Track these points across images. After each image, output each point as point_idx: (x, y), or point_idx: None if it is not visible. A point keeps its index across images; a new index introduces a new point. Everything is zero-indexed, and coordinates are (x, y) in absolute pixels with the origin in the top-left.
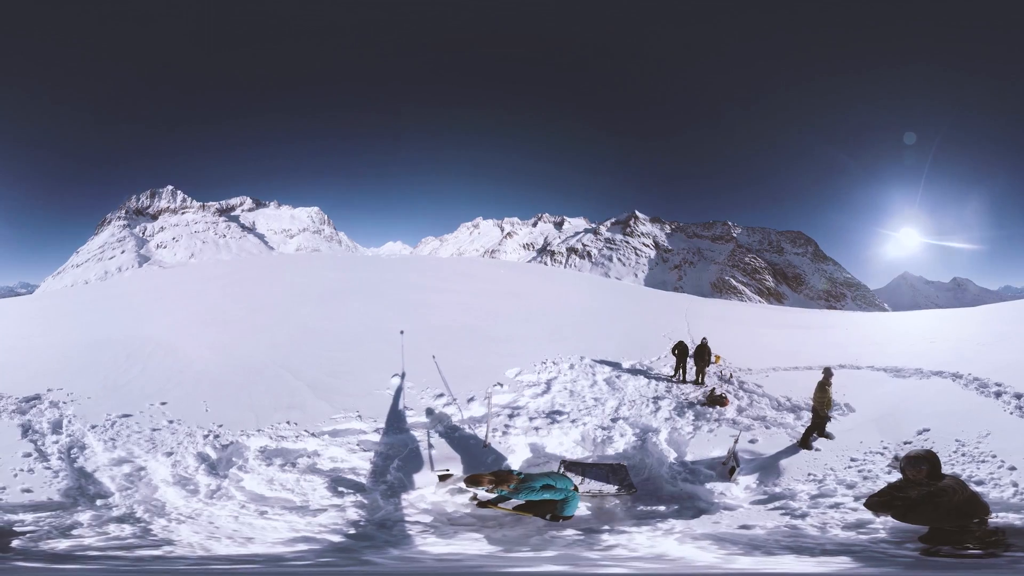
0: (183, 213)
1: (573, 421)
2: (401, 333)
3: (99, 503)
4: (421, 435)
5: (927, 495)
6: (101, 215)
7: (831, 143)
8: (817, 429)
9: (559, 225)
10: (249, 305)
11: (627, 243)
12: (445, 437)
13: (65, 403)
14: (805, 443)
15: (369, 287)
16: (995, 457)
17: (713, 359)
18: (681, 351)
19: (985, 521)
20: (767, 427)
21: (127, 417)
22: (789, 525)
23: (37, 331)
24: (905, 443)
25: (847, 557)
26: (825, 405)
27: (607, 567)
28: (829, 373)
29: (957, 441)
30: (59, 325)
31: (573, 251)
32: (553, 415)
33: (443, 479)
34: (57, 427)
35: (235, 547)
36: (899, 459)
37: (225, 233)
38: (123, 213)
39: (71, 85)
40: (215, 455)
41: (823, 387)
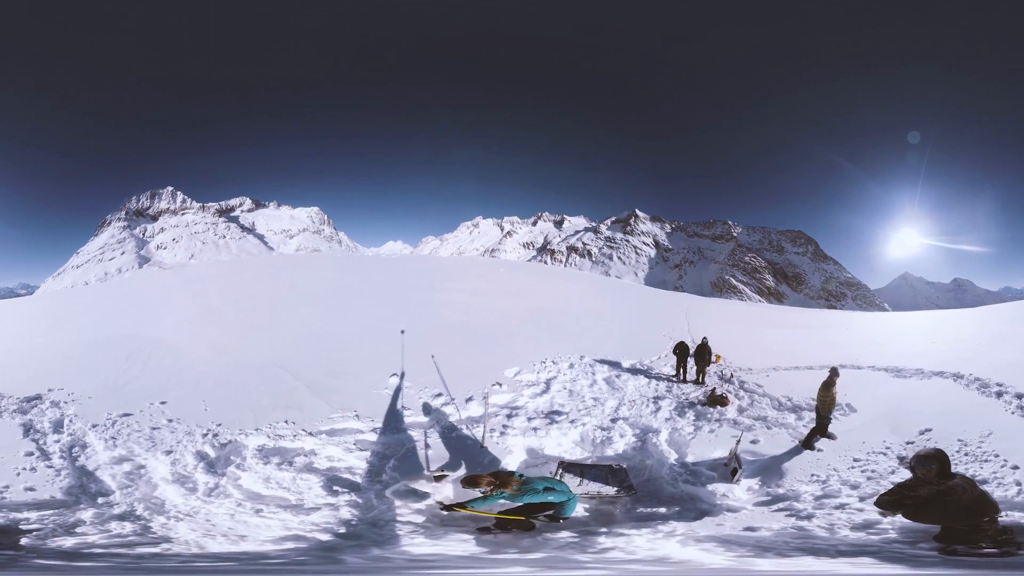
0: (183, 214)
1: (572, 421)
2: (402, 333)
3: (100, 501)
4: (418, 435)
5: (937, 494)
6: (101, 216)
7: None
8: (821, 430)
9: (559, 224)
10: (248, 305)
11: (627, 242)
12: (442, 437)
13: (66, 403)
14: (808, 444)
15: (369, 287)
16: (998, 456)
17: (714, 359)
18: (682, 351)
19: (995, 520)
20: (768, 427)
21: (127, 416)
22: (796, 526)
23: (37, 332)
24: (908, 443)
25: (870, 558)
26: (828, 405)
27: (591, 569)
28: (835, 373)
29: (959, 441)
30: (59, 326)
31: (573, 250)
32: (552, 415)
33: (439, 479)
34: (58, 426)
35: (228, 545)
36: (909, 458)
37: (225, 234)
38: (123, 214)
39: (71, 87)
40: (213, 453)
41: (827, 387)
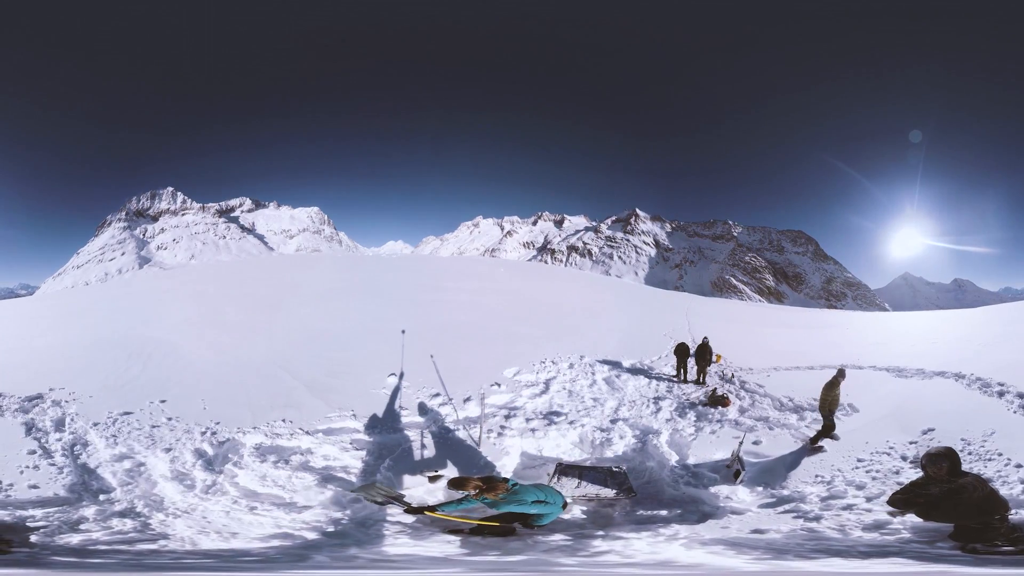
0: (183, 214)
1: (571, 422)
2: (403, 332)
3: (102, 498)
4: (415, 435)
5: (948, 492)
6: (101, 217)
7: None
8: (827, 433)
9: (559, 223)
10: (248, 305)
11: (628, 241)
12: (439, 437)
13: (67, 402)
14: (814, 443)
15: (369, 287)
16: (1001, 455)
17: (714, 358)
18: (682, 352)
19: (1005, 518)
20: (770, 428)
21: (128, 415)
22: (806, 528)
23: (38, 332)
24: (911, 443)
25: (902, 558)
26: (828, 405)
27: (575, 571)
28: (842, 375)
29: (963, 440)
30: (60, 326)
31: (574, 249)
32: (551, 416)
33: (433, 480)
34: (60, 425)
35: (220, 542)
36: (919, 457)
37: (225, 234)
38: (123, 215)
39: (71, 89)
40: (212, 451)
41: (831, 387)
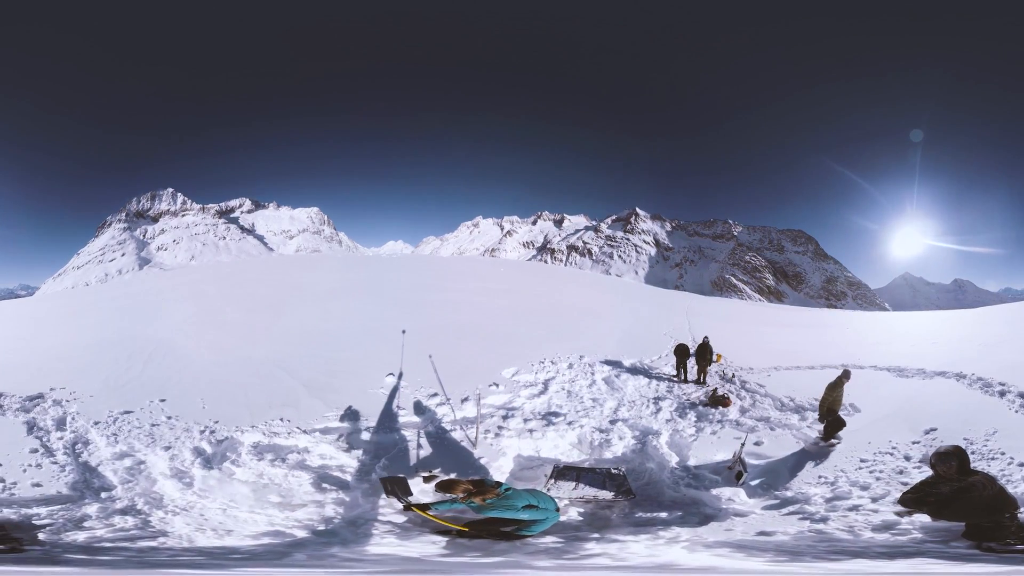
0: (183, 215)
1: (570, 423)
2: (403, 332)
3: (104, 496)
4: (411, 435)
5: (958, 490)
6: (101, 217)
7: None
8: (838, 428)
9: (559, 223)
10: (247, 306)
11: (628, 240)
12: (436, 437)
13: (68, 401)
14: (828, 439)
15: (368, 287)
16: (1004, 454)
17: (714, 358)
18: (681, 353)
19: (1015, 516)
20: (772, 429)
21: (128, 414)
22: (814, 530)
23: (39, 332)
24: (914, 443)
25: (924, 558)
26: (833, 404)
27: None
28: (846, 376)
29: (965, 440)
30: (61, 326)
31: (573, 248)
32: (549, 417)
33: (427, 480)
34: (61, 424)
35: (215, 539)
36: (928, 455)
37: (225, 235)
38: (123, 215)
39: (71, 89)
40: (210, 449)
41: (833, 387)
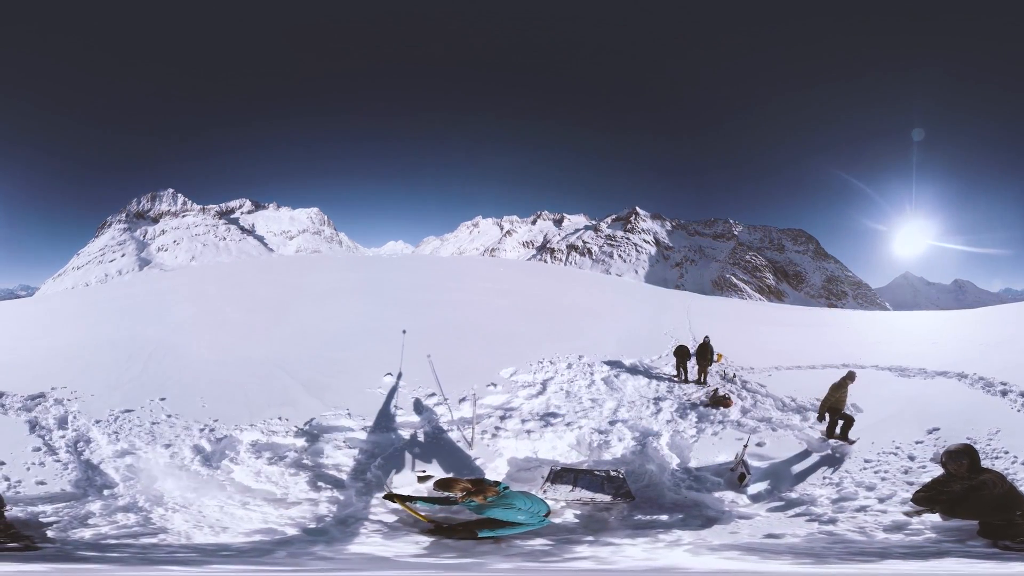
0: (184, 216)
1: (568, 424)
2: (403, 332)
3: (106, 493)
4: (408, 434)
5: (969, 488)
6: (102, 218)
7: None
8: (849, 426)
9: (558, 222)
10: (248, 306)
11: (628, 239)
12: (432, 437)
13: (69, 400)
14: (846, 438)
15: (368, 287)
16: (1008, 453)
17: (715, 358)
18: (682, 354)
19: None
20: (773, 429)
21: (129, 412)
22: (825, 532)
23: (40, 333)
24: (917, 443)
25: (950, 558)
26: (837, 405)
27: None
28: (851, 378)
29: (968, 439)
30: (62, 327)
31: (573, 248)
32: (547, 417)
33: (422, 480)
34: (63, 423)
35: (211, 536)
36: (939, 455)
37: (225, 235)
38: (124, 216)
39: (71, 90)
40: (209, 447)
41: (837, 388)
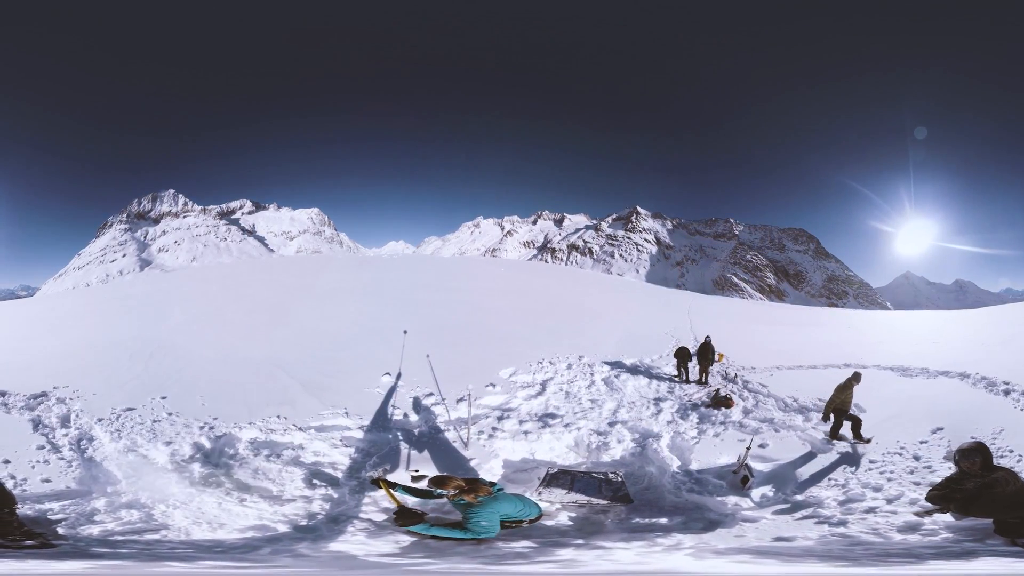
0: (184, 217)
1: (567, 425)
2: (404, 333)
3: (110, 490)
4: (404, 434)
5: (982, 486)
6: (102, 218)
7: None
8: (858, 426)
9: (559, 222)
10: (248, 307)
11: (629, 239)
12: (428, 437)
13: (71, 399)
14: (859, 437)
15: (368, 287)
16: (1012, 452)
17: (716, 357)
18: (682, 355)
19: None
20: (776, 430)
21: (131, 411)
22: (837, 534)
23: (41, 332)
24: (921, 443)
25: (986, 558)
26: (843, 405)
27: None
28: (857, 379)
29: (972, 439)
30: (63, 327)
31: (574, 248)
32: (546, 418)
33: (416, 479)
34: (65, 421)
35: (208, 532)
36: (951, 453)
37: (226, 236)
38: (124, 216)
39: (72, 90)
40: (209, 445)
41: (842, 389)
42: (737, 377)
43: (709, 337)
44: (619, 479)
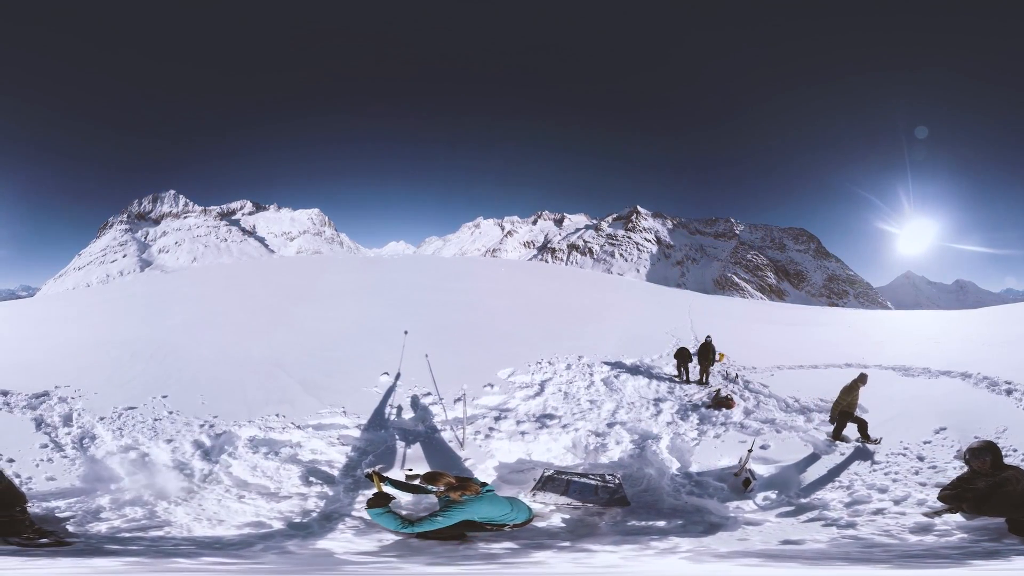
0: (185, 217)
1: (564, 426)
2: (405, 333)
3: (113, 487)
4: (400, 433)
5: (994, 485)
6: (103, 219)
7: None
8: (865, 428)
9: (559, 222)
10: (248, 307)
11: (629, 238)
12: (425, 436)
13: (73, 398)
14: (867, 438)
15: (368, 288)
16: (1016, 451)
17: (717, 357)
18: (683, 356)
19: None
20: (777, 431)
21: (132, 409)
22: (849, 536)
23: (42, 333)
24: (925, 443)
25: (1018, 559)
26: (850, 407)
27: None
28: (863, 380)
29: (975, 438)
30: (64, 327)
31: (574, 248)
32: (544, 419)
33: (411, 478)
34: (68, 420)
35: (208, 528)
36: (963, 451)
37: (226, 237)
38: (125, 217)
39: (73, 91)
40: (209, 443)
41: (848, 391)
42: (738, 377)
43: (710, 337)
44: (616, 482)
